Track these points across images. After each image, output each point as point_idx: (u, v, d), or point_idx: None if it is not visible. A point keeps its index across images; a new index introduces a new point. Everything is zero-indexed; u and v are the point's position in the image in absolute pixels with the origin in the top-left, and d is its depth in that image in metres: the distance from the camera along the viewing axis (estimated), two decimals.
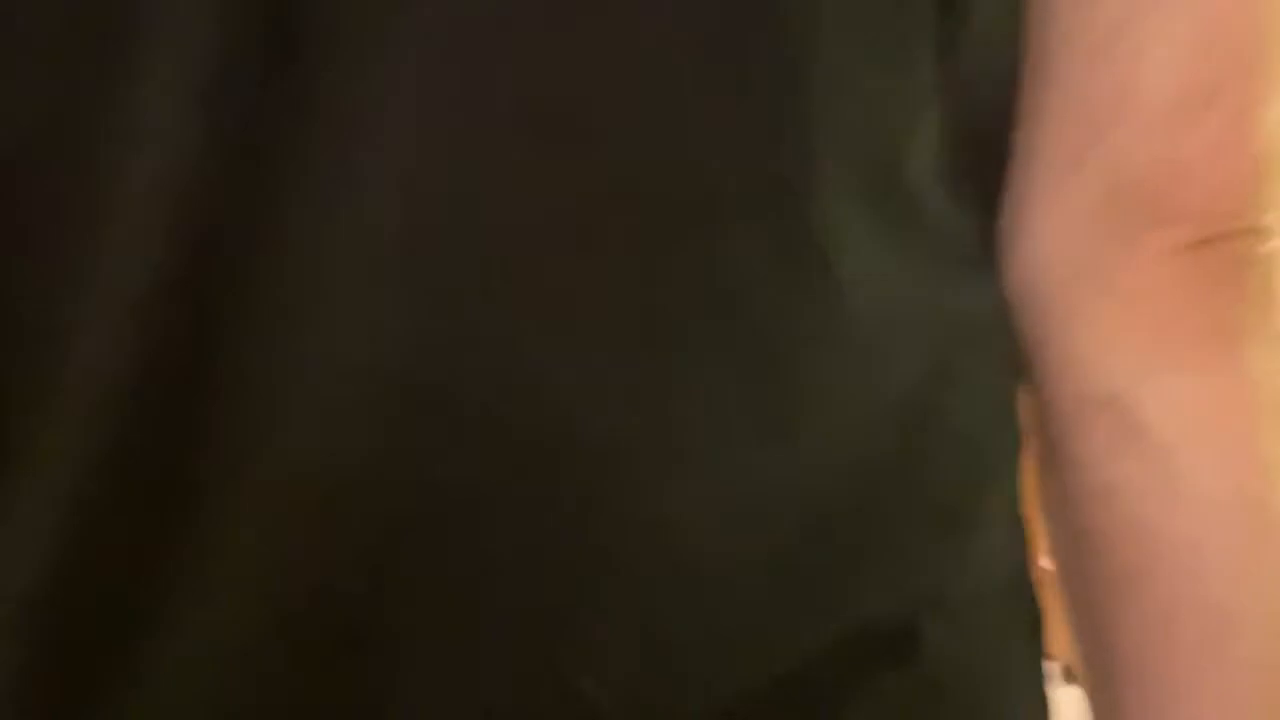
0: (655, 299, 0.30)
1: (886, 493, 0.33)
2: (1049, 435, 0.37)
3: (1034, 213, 0.35)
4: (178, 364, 0.29)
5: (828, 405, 0.32)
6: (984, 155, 0.35)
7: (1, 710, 0.31)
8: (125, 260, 0.29)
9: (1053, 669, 1.53)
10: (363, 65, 0.30)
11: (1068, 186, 0.35)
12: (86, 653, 0.30)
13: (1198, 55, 0.34)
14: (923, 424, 0.33)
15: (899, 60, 0.31)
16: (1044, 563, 1.04)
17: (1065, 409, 0.36)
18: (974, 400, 0.35)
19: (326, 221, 0.29)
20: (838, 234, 0.31)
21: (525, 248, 0.30)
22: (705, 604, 0.31)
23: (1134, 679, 0.38)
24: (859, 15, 0.30)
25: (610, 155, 0.30)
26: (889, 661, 0.33)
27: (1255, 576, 0.36)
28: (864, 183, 0.31)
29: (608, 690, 0.31)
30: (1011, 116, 0.35)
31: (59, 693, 0.30)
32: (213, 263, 0.29)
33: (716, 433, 0.31)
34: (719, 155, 0.30)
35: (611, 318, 0.30)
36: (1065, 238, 0.35)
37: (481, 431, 0.30)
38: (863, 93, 0.31)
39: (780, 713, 0.32)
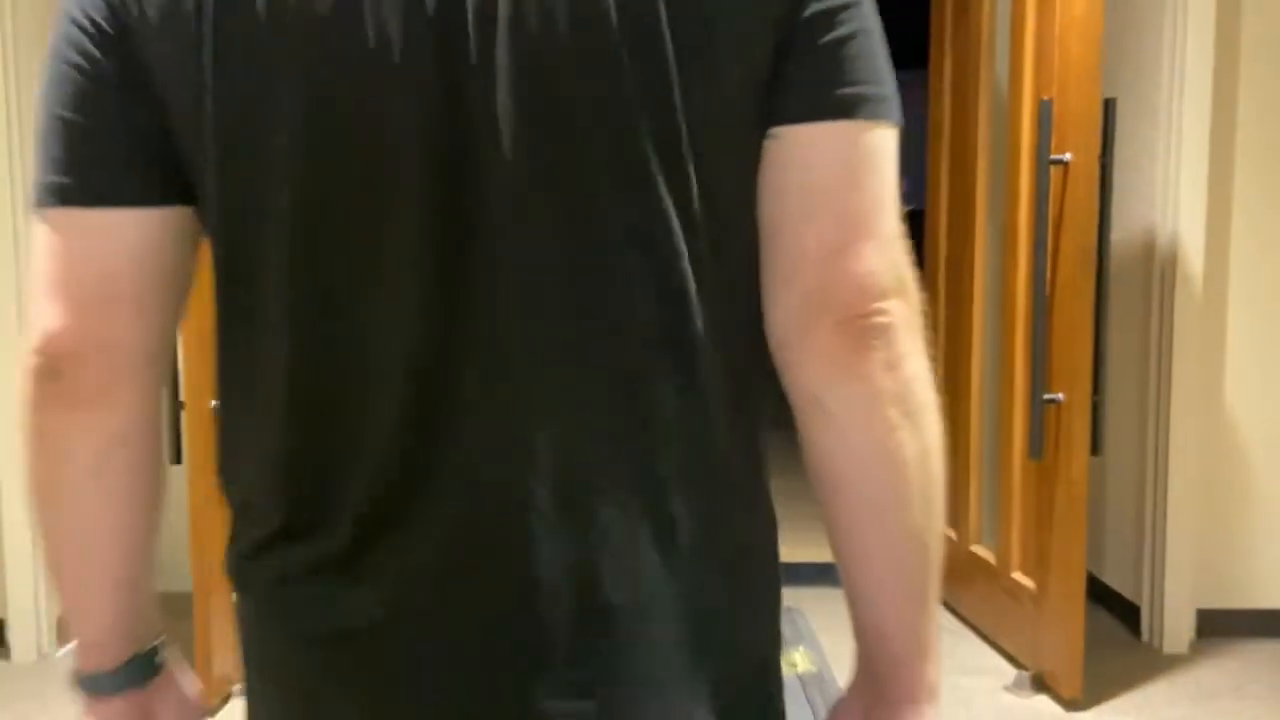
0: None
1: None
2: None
3: (770, 309, 0.69)
4: (427, 386, 0.66)
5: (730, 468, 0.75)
6: (735, 287, 0.69)
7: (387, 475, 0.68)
8: (406, 356, 0.66)
9: (1022, 678, 1.72)
10: (507, 244, 0.64)
11: (782, 296, 0.68)
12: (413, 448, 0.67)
13: (835, 228, 0.66)
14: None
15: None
16: (1017, 577, 1.27)
17: (799, 405, 0.71)
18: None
19: (488, 334, 0.66)
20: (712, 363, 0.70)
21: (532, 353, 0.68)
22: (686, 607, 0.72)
23: (845, 547, 0.73)
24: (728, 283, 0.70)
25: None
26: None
27: (892, 489, 0.70)
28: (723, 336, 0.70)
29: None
30: (751, 262, 0.69)
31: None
32: (435, 360, 0.66)
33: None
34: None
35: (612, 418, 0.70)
36: (785, 321, 0.68)
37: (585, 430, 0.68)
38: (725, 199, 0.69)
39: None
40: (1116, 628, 3.28)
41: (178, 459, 2.70)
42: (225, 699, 2.76)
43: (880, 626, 0.74)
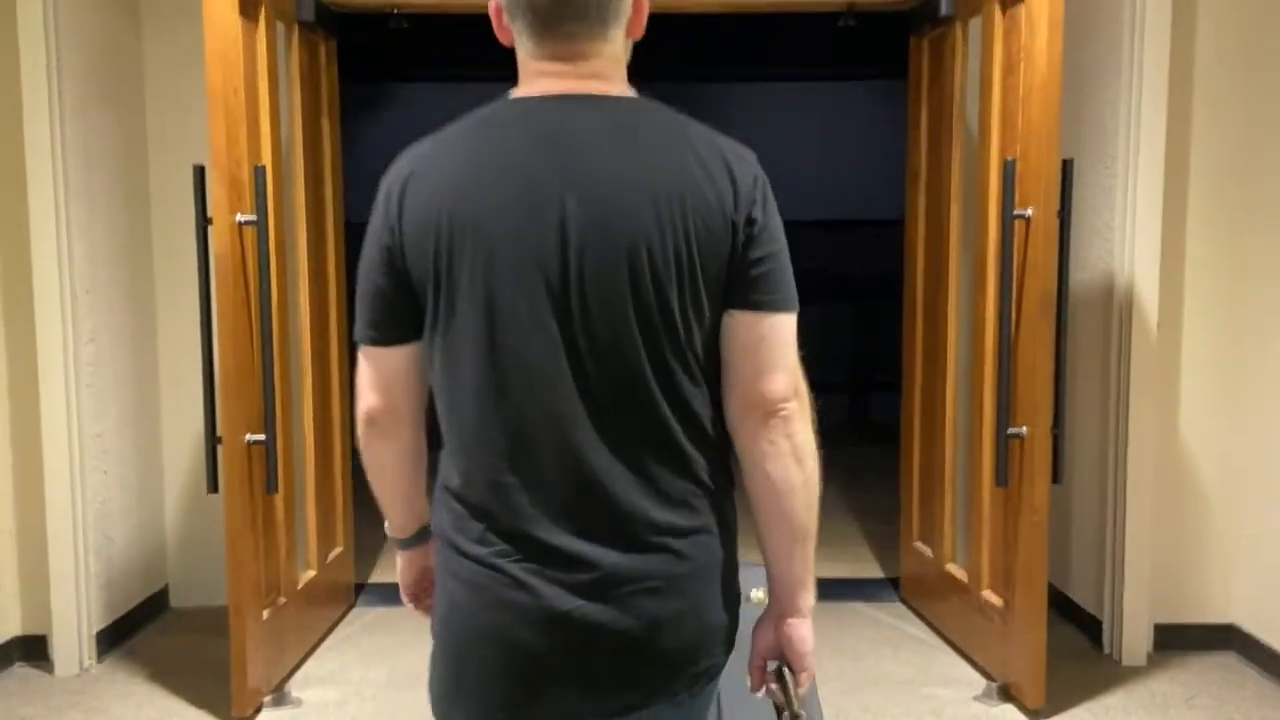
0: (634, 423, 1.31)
1: None
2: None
3: (725, 405, 1.30)
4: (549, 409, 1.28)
5: (705, 491, 1.35)
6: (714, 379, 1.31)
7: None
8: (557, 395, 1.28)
9: (991, 688, 2.06)
10: (584, 315, 1.25)
11: (731, 399, 1.29)
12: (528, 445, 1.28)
13: (755, 366, 1.27)
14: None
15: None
16: (986, 595, 1.74)
17: (740, 455, 1.32)
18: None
19: (572, 374, 1.26)
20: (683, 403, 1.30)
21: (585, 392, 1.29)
22: (682, 597, 1.33)
23: (762, 530, 1.35)
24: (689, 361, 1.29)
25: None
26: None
27: (787, 500, 1.31)
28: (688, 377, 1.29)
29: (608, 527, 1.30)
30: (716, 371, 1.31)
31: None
32: (549, 388, 1.26)
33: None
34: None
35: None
36: (731, 411, 1.30)
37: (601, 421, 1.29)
38: (701, 348, 1.29)
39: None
40: (1080, 640, 3.53)
41: (214, 488, 2.94)
42: (257, 709, 3.00)
43: (779, 574, 1.37)
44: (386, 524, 1.53)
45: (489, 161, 1.26)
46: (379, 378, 1.34)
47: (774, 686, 1.41)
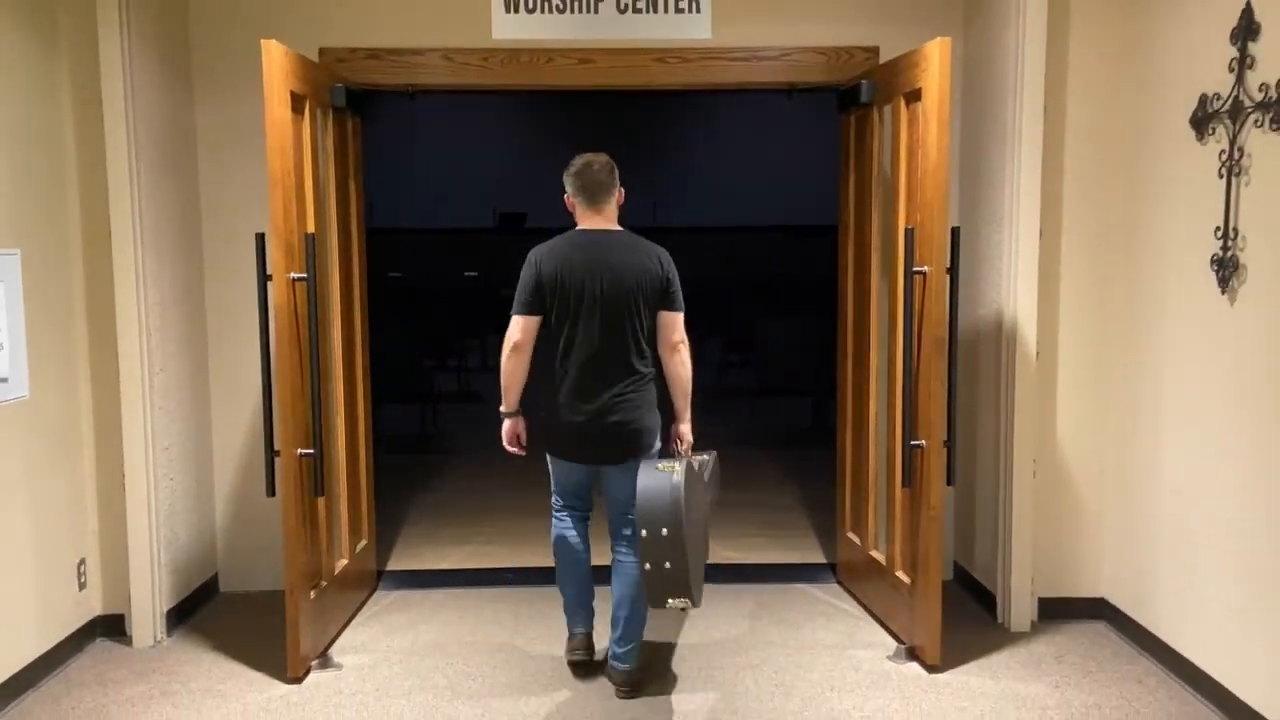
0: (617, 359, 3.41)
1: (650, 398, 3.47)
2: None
3: (659, 345, 3.44)
4: (586, 351, 3.38)
5: (646, 380, 3.45)
6: (650, 340, 3.44)
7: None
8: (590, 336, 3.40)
9: (900, 650, 3.17)
10: (598, 302, 3.34)
11: (662, 343, 3.43)
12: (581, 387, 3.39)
13: (670, 334, 3.47)
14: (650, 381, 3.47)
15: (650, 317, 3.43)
16: (899, 574, 2.88)
17: (663, 360, 3.45)
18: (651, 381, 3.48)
19: (596, 334, 3.37)
20: (643, 349, 3.42)
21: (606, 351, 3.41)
22: (628, 408, 3.39)
23: (670, 388, 3.48)
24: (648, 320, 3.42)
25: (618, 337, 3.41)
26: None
27: (682, 375, 3.43)
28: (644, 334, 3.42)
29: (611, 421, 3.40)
30: (653, 335, 3.45)
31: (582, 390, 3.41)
32: (587, 347, 3.38)
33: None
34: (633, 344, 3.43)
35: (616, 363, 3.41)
36: (660, 348, 3.45)
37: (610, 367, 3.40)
38: (647, 328, 3.39)
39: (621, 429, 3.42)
40: (980, 611, 4.28)
41: (272, 492, 3.64)
42: (306, 671, 3.70)
43: (678, 407, 3.50)
44: (503, 405, 3.46)
45: (571, 254, 3.36)
46: (525, 328, 3.34)
47: (675, 446, 3.52)
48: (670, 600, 3.07)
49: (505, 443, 3.51)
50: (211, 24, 4.33)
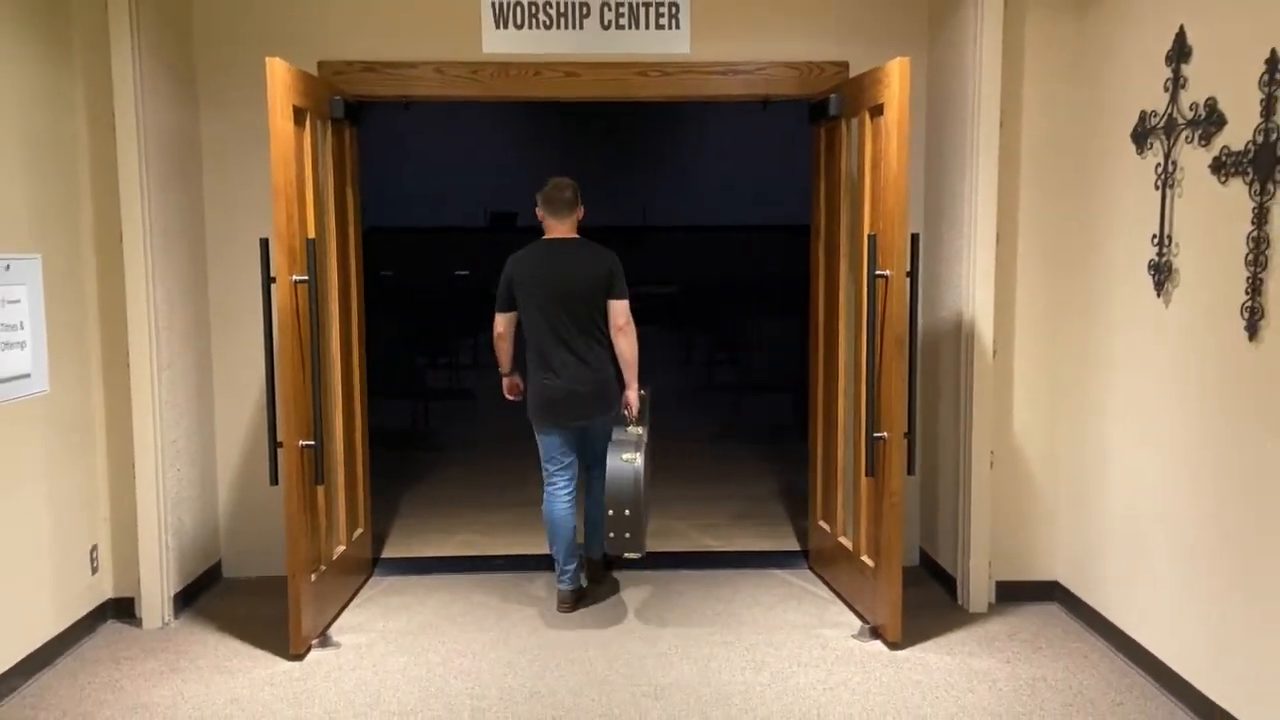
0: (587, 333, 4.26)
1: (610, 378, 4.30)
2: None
3: (610, 328, 4.26)
4: (553, 333, 4.23)
5: (601, 356, 4.28)
6: (603, 323, 4.28)
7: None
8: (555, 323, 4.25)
9: (864, 629, 3.56)
10: (561, 295, 4.19)
11: (610, 325, 4.26)
12: (566, 389, 4.25)
13: (617, 318, 4.24)
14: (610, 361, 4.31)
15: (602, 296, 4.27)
16: (864, 559, 3.27)
17: (613, 339, 4.24)
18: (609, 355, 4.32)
19: (560, 317, 4.21)
20: (598, 330, 4.26)
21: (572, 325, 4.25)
22: (592, 376, 4.24)
23: (620, 362, 4.27)
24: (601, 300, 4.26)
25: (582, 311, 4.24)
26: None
27: (629, 351, 4.22)
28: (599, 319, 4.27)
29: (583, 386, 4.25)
30: (604, 319, 4.29)
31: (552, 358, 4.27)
32: (560, 328, 4.23)
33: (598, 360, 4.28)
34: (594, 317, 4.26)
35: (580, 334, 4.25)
36: (610, 330, 4.26)
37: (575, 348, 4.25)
38: (601, 308, 4.24)
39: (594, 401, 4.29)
40: (942, 594, 4.55)
41: (275, 481, 3.88)
42: (307, 649, 3.95)
43: (626, 378, 4.26)
44: (501, 369, 4.44)
45: (537, 260, 4.24)
46: (504, 322, 4.28)
47: (626, 412, 4.29)
48: (626, 553, 4.17)
49: (506, 393, 4.57)
50: (215, 39, 4.56)
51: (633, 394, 4.30)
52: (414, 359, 9.15)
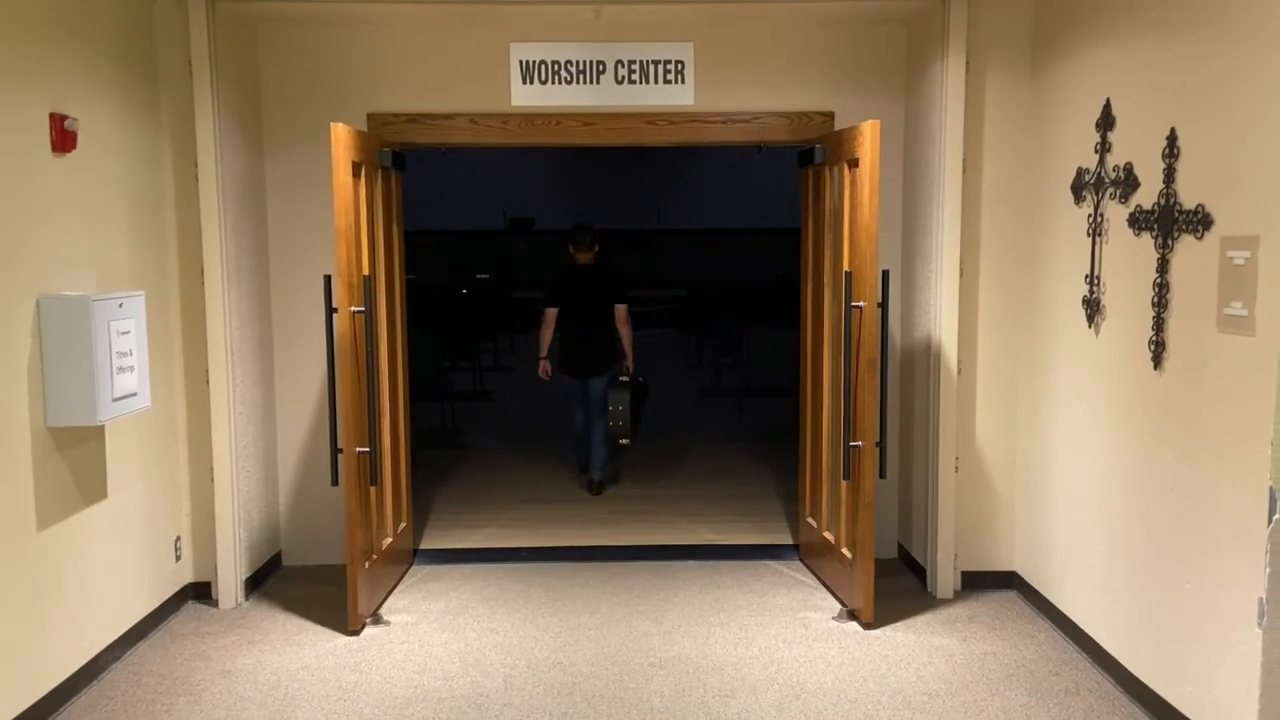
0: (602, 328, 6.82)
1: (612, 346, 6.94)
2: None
3: (616, 322, 6.81)
4: (581, 324, 6.80)
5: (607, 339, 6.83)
6: (612, 317, 6.82)
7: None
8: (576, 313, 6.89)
9: (843, 612, 4.49)
10: (585, 299, 6.77)
11: (615, 320, 6.77)
12: (585, 357, 6.84)
13: (621, 315, 6.83)
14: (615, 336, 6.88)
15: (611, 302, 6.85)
16: (844, 551, 4.23)
17: (618, 329, 6.82)
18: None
19: (583, 313, 6.79)
20: (604, 324, 6.80)
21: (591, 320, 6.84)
22: (601, 350, 6.81)
23: (621, 340, 6.88)
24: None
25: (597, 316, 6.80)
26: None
27: (628, 335, 6.91)
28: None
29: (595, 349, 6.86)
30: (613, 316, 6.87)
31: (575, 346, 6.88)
32: (583, 320, 6.82)
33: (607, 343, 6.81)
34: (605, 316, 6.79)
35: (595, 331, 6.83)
36: (615, 323, 6.74)
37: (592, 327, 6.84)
38: (609, 310, 6.80)
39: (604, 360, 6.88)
40: (915, 583, 5.17)
41: (336, 482, 4.53)
42: (362, 626, 4.60)
43: (626, 350, 6.79)
44: (540, 352, 6.77)
45: (569, 277, 6.81)
46: (551, 313, 6.72)
47: (626, 364, 6.84)
48: (621, 440, 6.86)
49: (540, 373, 6.86)
50: (279, 95, 5.21)
51: (629, 361, 6.86)
52: (440, 362, 9.80)
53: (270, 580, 5.26)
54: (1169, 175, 3.59)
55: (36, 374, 3.70)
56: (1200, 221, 3.40)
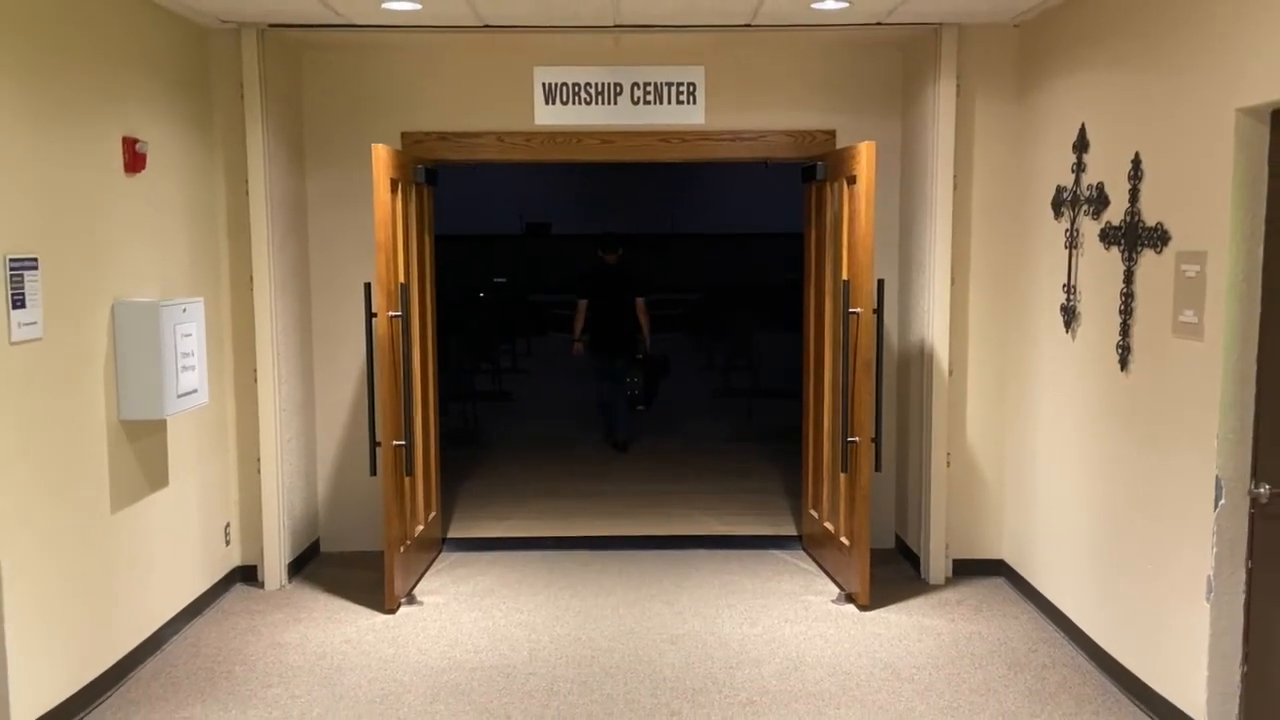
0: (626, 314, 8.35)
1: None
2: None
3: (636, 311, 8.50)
4: (607, 312, 8.39)
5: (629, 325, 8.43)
6: (633, 307, 8.47)
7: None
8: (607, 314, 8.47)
9: (841, 595, 5.05)
10: (610, 293, 8.37)
11: (635, 310, 8.52)
12: (611, 339, 8.39)
13: (642, 306, 8.47)
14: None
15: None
16: (842, 539, 4.80)
17: (639, 316, 8.55)
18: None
19: (609, 304, 8.38)
20: (626, 313, 8.40)
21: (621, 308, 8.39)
22: (623, 334, 8.42)
23: (644, 329, 8.62)
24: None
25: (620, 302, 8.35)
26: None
27: (645, 323, 8.58)
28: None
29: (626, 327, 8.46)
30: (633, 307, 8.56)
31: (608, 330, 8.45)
32: (609, 309, 8.40)
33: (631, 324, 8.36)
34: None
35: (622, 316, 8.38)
36: (636, 312, 8.44)
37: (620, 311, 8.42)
38: (630, 301, 8.39)
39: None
40: (910, 570, 5.54)
41: (374, 472, 4.94)
42: (398, 605, 5.00)
43: (644, 334, 8.37)
44: (575, 334, 8.35)
45: (598, 274, 8.35)
46: (585, 304, 8.30)
47: (639, 357, 8.38)
48: (638, 407, 8.32)
49: (573, 352, 8.43)
50: (320, 116, 5.63)
51: (645, 342, 8.36)
52: (462, 364, 10.22)
53: (310, 565, 5.67)
54: (1134, 195, 3.96)
55: (111, 373, 4.12)
56: (1159, 238, 3.77)
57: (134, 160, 4.26)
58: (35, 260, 3.59)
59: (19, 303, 3.50)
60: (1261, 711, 3.44)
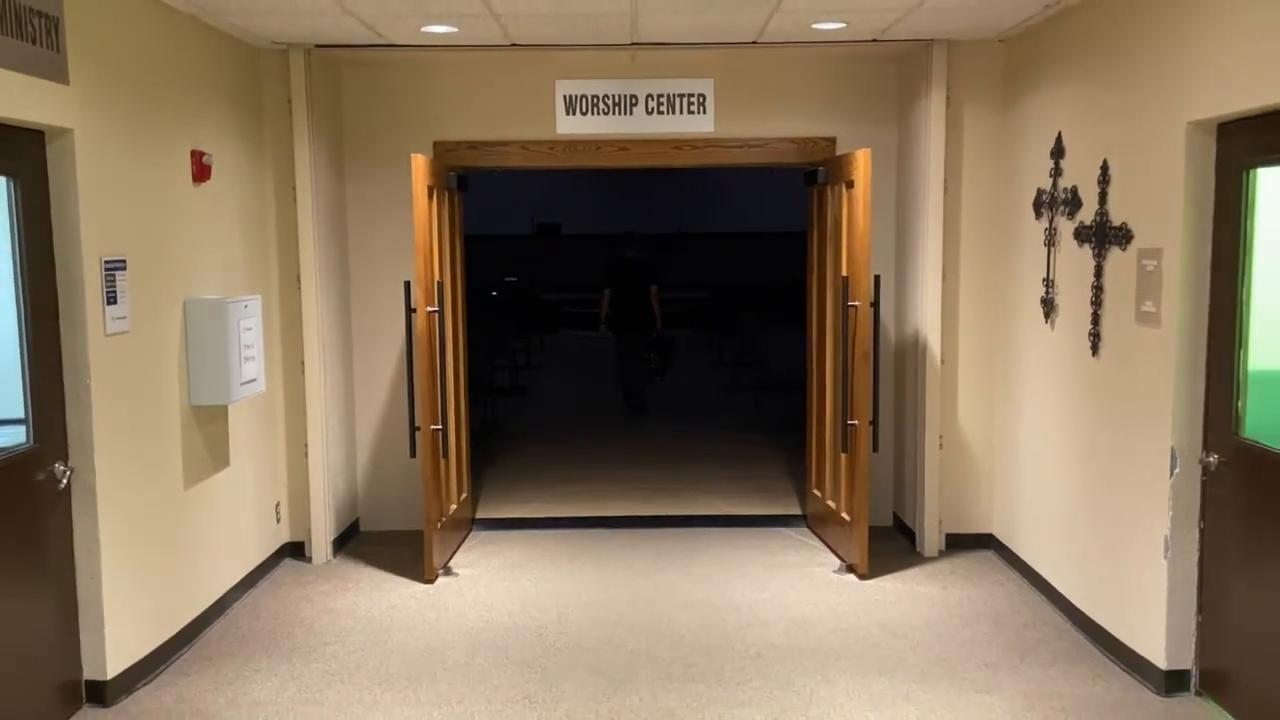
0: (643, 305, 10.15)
1: None
2: None
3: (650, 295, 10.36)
4: (627, 300, 10.27)
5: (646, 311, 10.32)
6: (648, 298, 10.42)
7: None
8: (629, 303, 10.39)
9: (842, 567, 5.68)
10: (629, 283, 10.31)
11: (650, 299, 10.50)
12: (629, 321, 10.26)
13: (655, 296, 10.37)
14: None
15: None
16: (844, 515, 5.48)
17: (653, 303, 10.57)
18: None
19: (628, 293, 10.24)
20: (643, 299, 10.29)
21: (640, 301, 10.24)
22: (640, 318, 10.25)
23: (656, 315, 10.62)
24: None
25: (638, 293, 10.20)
26: None
27: (656, 311, 10.53)
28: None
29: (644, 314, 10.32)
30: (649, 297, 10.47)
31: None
32: (628, 297, 10.26)
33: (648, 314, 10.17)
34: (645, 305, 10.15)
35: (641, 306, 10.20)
36: (650, 301, 10.39)
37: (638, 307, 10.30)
38: (647, 289, 10.27)
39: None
40: (906, 544, 5.99)
41: (413, 455, 5.39)
42: (436, 576, 5.46)
43: (656, 319, 10.25)
44: (601, 317, 10.36)
45: (619, 267, 10.24)
46: (606, 294, 10.18)
47: (653, 337, 10.24)
48: (655, 378, 10.95)
49: (599, 334, 10.65)
50: (359, 126, 6.09)
51: (658, 324, 10.07)
52: (480, 360, 10.67)
53: (351, 542, 6.14)
54: (1103, 197, 4.40)
55: (183, 362, 4.58)
56: (1124, 236, 4.21)
57: (200, 171, 4.72)
58: (124, 261, 4.06)
59: (112, 299, 3.97)
60: (1215, 654, 3.89)
